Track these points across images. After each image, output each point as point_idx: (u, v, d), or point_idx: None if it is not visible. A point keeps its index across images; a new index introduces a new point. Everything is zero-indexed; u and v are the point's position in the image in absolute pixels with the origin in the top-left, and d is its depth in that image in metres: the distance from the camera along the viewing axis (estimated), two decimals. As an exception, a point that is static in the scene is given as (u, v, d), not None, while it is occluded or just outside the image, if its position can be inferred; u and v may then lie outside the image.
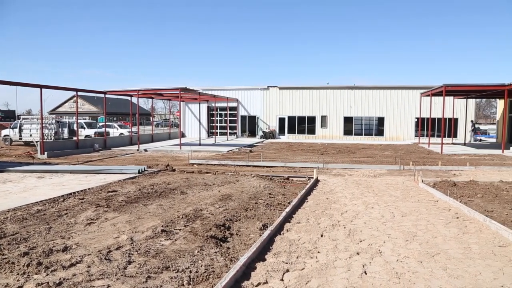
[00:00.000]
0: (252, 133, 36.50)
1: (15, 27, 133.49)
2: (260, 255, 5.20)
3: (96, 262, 4.82)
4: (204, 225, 6.49)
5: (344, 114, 34.48)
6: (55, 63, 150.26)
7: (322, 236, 6.18)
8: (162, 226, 6.40)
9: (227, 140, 32.52)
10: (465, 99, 29.57)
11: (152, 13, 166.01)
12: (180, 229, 6.33)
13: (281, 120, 35.79)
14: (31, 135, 25.63)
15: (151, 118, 44.01)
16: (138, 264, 4.79)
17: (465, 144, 27.88)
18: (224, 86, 37.49)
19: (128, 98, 33.07)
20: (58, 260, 4.86)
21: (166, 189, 9.90)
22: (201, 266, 4.72)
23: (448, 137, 31.06)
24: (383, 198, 9.24)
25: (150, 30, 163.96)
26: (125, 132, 33.95)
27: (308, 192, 9.82)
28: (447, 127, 31.72)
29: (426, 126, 31.79)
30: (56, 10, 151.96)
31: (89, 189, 9.94)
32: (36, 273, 4.47)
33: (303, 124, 35.42)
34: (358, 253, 5.37)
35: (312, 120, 35.15)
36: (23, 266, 4.63)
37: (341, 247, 5.65)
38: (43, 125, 23.05)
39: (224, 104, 35.82)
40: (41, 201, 8.41)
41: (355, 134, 34.42)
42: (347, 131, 34.59)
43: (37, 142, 20.82)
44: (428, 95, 25.79)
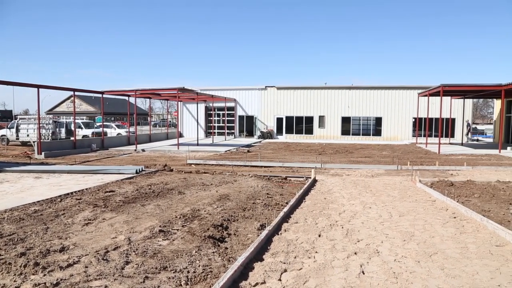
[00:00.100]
0: (250, 133, 36.50)
1: (14, 28, 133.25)
2: (258, 255, 5.20)
3: (94, 263, 4.80)
4: (202, 225, 6.49)
5: (342, 114, 34.52)
6: (52, 63, 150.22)
7: (320, 236, 6.18)
8: (160, 226, 6.39)
9: (225, 140, 32.50)
10: (463, 99, 29.66)
11: (150, 13, 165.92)
12: (177, 229, 6.32)
13: (279, 120, 35.80)
14: (28, 135, 25.56)
15: (148, 118, 43.96)
16: (136, 264, 4.78)
17: (462, 144, 27.96)
18: (222, 86, 37.52)
19: (126, 98, 33.02)
20: (55, 261, 4.84)
21: (163, 189, 9.89)
22: (199, 266, 4.71)
23: (445, 137, 31.12)
24: (381, 198, 9.26)
25: (148, 30, 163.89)
26: (123, 132, 33.88)
27: (306, 192, 9.83)
28: (444, 127, 31.80)
29: (423, 126, 31.89)
30: (54, 11, 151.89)
31: (86, 189, 9.92)
32: (33, 274, 4.45)
33: (301, 124, 35.44)
34: (355, 253, 5.37)
35: (310, 120, 35.18)
36: (20, 266, 4.62)
37: (339, 247, 5.65)
38: (41, 125, 22.96)
39: (222, 104, 35.80)
40: (38, 202, 8.38)
41: (352, 134, 34.46)
42: (345, 131, 34.63)
43: (34, 142, 20.77)
44: (426, 95, 25.84)
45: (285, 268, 4.75)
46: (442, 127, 30.62)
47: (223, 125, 36.56)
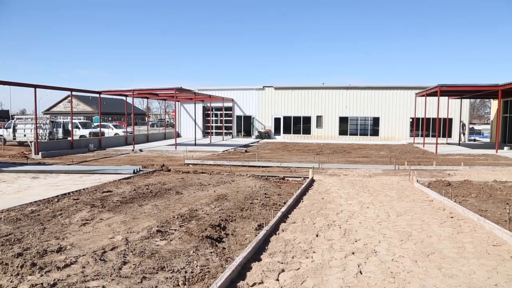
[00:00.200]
0: (248, 133, 36.50)
1: (11, 28, 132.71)
2: (256, 255, 5.20)
3: (91, 263, 4.79)
4: (200, 225, 6.48)
5: (339, 114, 34.57)
6: (49, 63, 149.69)
7: (317, 236, 6.19)
8: (158, 227, 6.38)
9: (223, 140, 32.49)
10: (460, 99, 29.75)
11: (148, 13, 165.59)
12: (175, 230, 6.31)
13: (277, 120, 35.82)
14: (25, 135, 25.48)
15: (146, 118, 43.89)
16: (133, 264, 4.77)
17: (459, 144, 28.05)
18: (220, 86, 37.48)
19: (123, 98, 32.98)
20: (53, 261, 4.83)
21: (161, 189, 9.87)
22: (197, 266, 4.71)
23: (442, 137, 31.23)
24: (378, 198, 9.27)
25: (146, 31, 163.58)
26: (120, 132, 33.81)
27: (304, 192, 9.84)
28: (441, 127, 31.90)
29: (421, 126, 31.96)
30: (51, 11, 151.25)
31: (84, 189, 9.89)
32: (30, 274, 4.44)
33: (298, 124, 35.46)
34: (353, 253, 5.38)
35: (307, 120, 35.21)
36: (17, 267, 4.60)
37: (336, 247, 5.66)
38: (38, 125, 22.90)
39: (219, 104, 35.78)
40: (35, 202, 8.35)
41: (350, 134, 34.52)
42: (343, 131, 34.68)
43: (31, 142, 20.69)
44: (423, 95, 25.92)
45: (283, 268, 4.75)
46: (439, 127, 30.71)
47: (221, 125, 36.54)
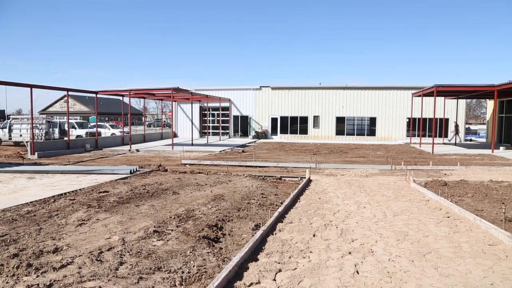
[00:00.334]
0: (245, 133, 36.49)
1: (9, 28, 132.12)
2: (253, 255, 5.20)
3: (88, 263, 4.78)
4: (197, 226, 6.47)
5: (336, 114, 34.62)
6: (46, 62, 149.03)
7: (314, 236, 6.19)
8: (154, 227, 6.37)
9: (220, 140, 32.46)
10: (456, 100, 29.86)
11: (145, 13, 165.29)
12: (172, 230, 6.30)
13: (274, 120, 35.83)
14: (21, 135, 25.35)
15: (143, 118, 43.78)
16: (130, 265, 4.75)
17: (455, 144, 28.16)
18: (217, 86, 37.48)
19: (120, 98, 32.88)
20: (49, 262, 4.81)
21: (158, 189, 9.85)
22: (194, 266, 4.70)
23: (439, 137, 31.32)
24: (375, 198, 9.29)
25: (143, 31, 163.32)
26: (117, 132, 33.72)
27: (301, 192, 9.84)
28: (438, 127, 32.00)
29: (417, 126, 32.05)
30: (48, 11, 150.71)
31: (80, 189, 9.86)
32: (26, 275, 4.42)
33: (295, 124, 35.49)
34: (350, 253, 5.39)
35: (304, 120, 35.24)
36: (13, 268, 4.58)
37: (333, 246, 5.67)
38: (34, 125, 22.79)
39: (216, 104, 35.75)
40: (31, 202, 8.32)
41: (347, 134, 34.57)
42: (339, 131, 34.73)
43: (27, 142, 20.60)
44: (420, 96, 25.99)
45: (280, 268, 4.75)
46: (435, 127, 30.79)
47: (218, 125, 36.51)
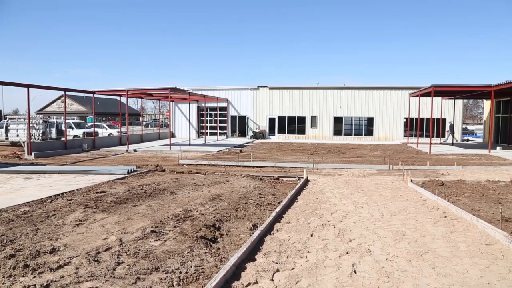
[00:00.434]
0: (242, 133, 36.48)
1: (11, 28, 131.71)
2: (250, 255, 5.20)
3: (85, 264, 4.76)
4: (194, 226, 6.46)
5: (334, 114, 34.67)
6: (43, 62, 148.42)
7: (312, 235, 6.20)
8: (152, 227, 6.35)
9: (217, 140, 32.45)
10: (453, 100, 29.96)
11: (143, 13, 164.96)
12: (169, 230, 6.29)
13: (271, 120, 35.84)
14: (18, 135, 25.26)
15: (140, 118, 43.69)
16: (127, 265, 4.74)
17: (453, 144, 28.25)
18: (214, 86, 37.43)
19: (118, 98, 32.81)
20: (46, 262, 4.79)
21: (155, 189, 9.84)
22: (191, 266, 4.70)
23: (436, 137, 31.42)
24: (373, 198, 9.31)
25: (141, 31, 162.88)
26: (114, 132, 33.66)
27: (298, 192, 9.85)
28: (435, 128, 32.09)
29: (414, 126, 32.14)
30: (45, 11, 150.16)
31: (77, 190, 9.83)
32: (23, 276, 4.40)
33: (293, 124, 35.51)
34: (347, 253, 5.40)
35: (302, 120, 35.27)
36: (9, 268, 4.56)
37: (331, 246, 5.67)
38: (31, 125, 22.72)
39: (214, 104, 35.73)
40: (28, 202, 8.28)
41: (344, 134, 34.63)
42: (337, 131, 34.78)
43: (24, 142, 20.52)
44: (417, 96, 26.06)
45: (278, 268, 4.75)
46: (433, 127, 30.88)
47: (216, 125, 36.48)
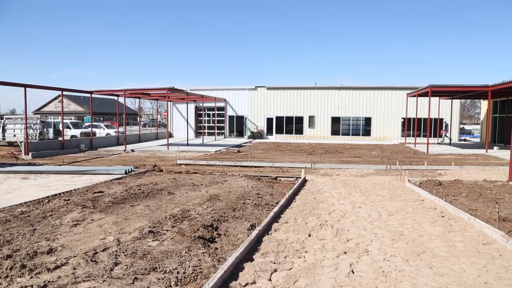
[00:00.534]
0: (240, 133, 36.47)
1: (11, 28, 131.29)
2: (248, 255, 5.20)
3: (82, 264, 4.75)
4: (192, 226, 6.46)
5: (331, 114, 34.70)
6: (42, 62, 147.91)
7: (309, 235, 6.20)
8: (149, 227, 6.35)
9: (215, 140, 32.42)
10: (450, 100, 30.03)
11: (140, 13, 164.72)
12: (167, 230, 6.29)
13: (269, 120, 35.84)
14: (15, 136, 25.17)
15: (138, 118, 43.63)
16: (125, 265, 4.73)
17: (450, 144, 28.33)
18: (212, 86, 37.42)
19: (115, 98, 32.71)
20: (43, 263, 4.77)
21: (153, 189, 9.82)
22: (189, 266, 4.69)
23: (433, 137, 31.49)
24: (370, 198, 9.32)
25: (138, 31, 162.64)
26: (112, 132, 33.59)
27: (296, 192, 9.85)
28: (433, 128, 32.17)
29: (412, 126, 32.20)
30: (43, 11, 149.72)
31: (74, 190, 9.80)
32: (20, 276, 4.38)
33: (291, 124, 35.52)
34: (345, 253, 5.40)
35: (300, 120, 35.29)
36: (6, 269, 4.54)
37: (328, 246, 5.68)
38: (28, 125, 22.64)
39: (212, 104, 35.71)
40: (25, 203, 8.26)
41: (342, 134, 34.67)
42: (335, 131, 34.82)
43: (21, 142, 20.45)
44: (414, 96, 26.11)
45: (275, 268, 4.75)
46: (430, 127, 30.95)
47: (213, 125, 36.47)
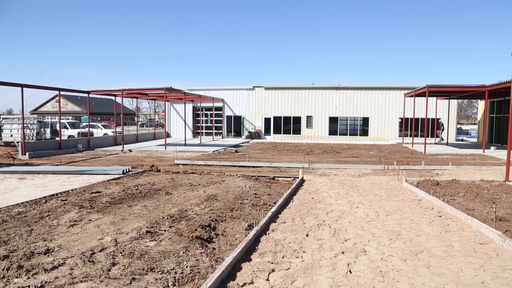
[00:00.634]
0: (238, 133, 36.47)
1: (11, 28, 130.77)
2: (246, 255, 5.19)
3: (79, 265, 4.74)
4: (189, 226, 6.45)
5: (329, 114, 34.75)
6: (42, 62, 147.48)
7: (307, 235, 6.21)
8: (147, 227, 6.33)
9: (213, 140, 32.40)
10: (448, 100, 30.12)
11: (138, 13, 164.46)
12: (165, 230, 6.28)
13: (267, 120, 35.85)
14: (11, 136, 25.07)
15: (135, 118, 43.54)
16: (123, 265, 4.73)
17: (447, 144, 28.41)
18: (210, 86, 37.43)
19: (112, 98, 32.66)
20: (40, 263, 4.76)
21: (151, 189, 9.81)
22: (187, 267, 4.69)
23: (431, 137, 31.57)
24: (368, 198, 9.33)
25: (136, 31, 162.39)
26: (109, 132, 33.52)
27: (294, 192, 9.85)
28: (430, 128, 32.25)
29: (409, 126, 32.28)
30: (40, 11, 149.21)
31: (72, 190, 9.77)
32: (17, 277, 4.37)
33: (288, 124, 35.54)
34: (343, 252, 5.41)
35: (297, 120, 35.31)
36: (3, 269, 4.52)
37: (326, 246, 5.68)
38: (25, 125, 22.56)
39: (209, 104, 35.69)
40: (22, 203, 8.23)
41: (340, 134, 34.72)
42: (332, 131, 34.86)
43: (18, 142, 20.38)
44: (412, 96, 26.17)
45: (273, 268, 4.75)
46: (428, 128, 31.04)
47: (211, 125, 36.45)
